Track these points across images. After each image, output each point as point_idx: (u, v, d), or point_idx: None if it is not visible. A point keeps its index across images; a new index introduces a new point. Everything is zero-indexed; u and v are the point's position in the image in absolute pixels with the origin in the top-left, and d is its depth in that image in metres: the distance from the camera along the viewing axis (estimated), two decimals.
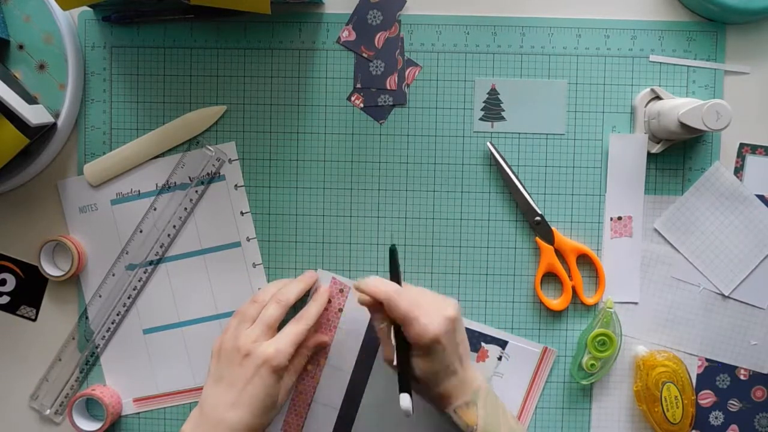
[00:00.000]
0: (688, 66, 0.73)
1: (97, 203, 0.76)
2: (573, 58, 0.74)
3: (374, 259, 0.75)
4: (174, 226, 0.75)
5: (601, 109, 0.74)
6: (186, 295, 0.75)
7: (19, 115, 0.67)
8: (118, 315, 0.75)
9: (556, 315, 0.74)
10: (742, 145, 0.74)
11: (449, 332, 0.63)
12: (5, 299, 0.77)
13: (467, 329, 0.71)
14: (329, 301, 0.74)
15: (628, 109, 0.74)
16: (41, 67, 0.73)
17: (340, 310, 0.74)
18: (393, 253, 0.67)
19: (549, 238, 0.73)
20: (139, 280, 0.75)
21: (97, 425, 0.74)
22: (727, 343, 0.74)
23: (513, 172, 0.74)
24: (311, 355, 0.73)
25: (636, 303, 0.74)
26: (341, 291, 0.74)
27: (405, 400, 0.62)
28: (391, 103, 0.74)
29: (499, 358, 0.73)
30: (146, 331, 0.76)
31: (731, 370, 0.74)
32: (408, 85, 0.74)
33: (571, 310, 0.75)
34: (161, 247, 0.75)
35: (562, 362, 0.75)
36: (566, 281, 0.73)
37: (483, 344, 0.73)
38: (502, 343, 0.73)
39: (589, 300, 0.74)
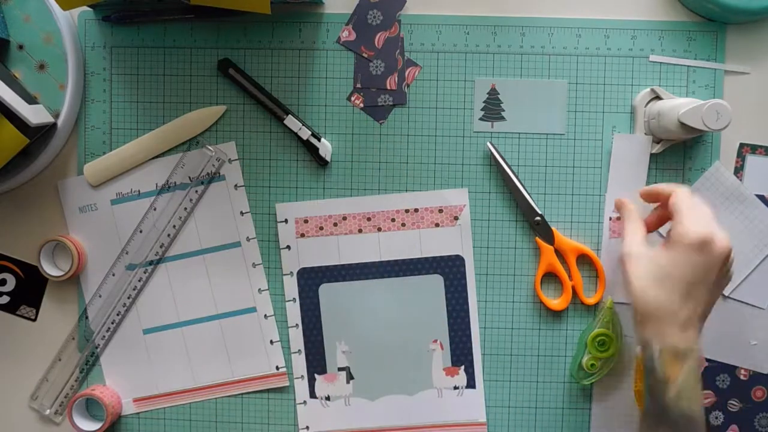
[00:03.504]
0: (688, 66, 0.73)
1: (97, 203, 0.76)
2: (573, 58, 0.74)
3: None
4: (174, 226, 0.75)
5: (601, 109, 0.74)
6: (186, 295, 0.75)
7: (19, 115, 0.67)
8: (118, 315, 0.75)
9: (556, 315, 0.74)
10: (742, 145, 0.74)
11: (706, 253, 0.60)
12: (5, 299, 0.77)
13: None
14: None
15: (628, 109, 0.74)
16: (41, 67, 0.73)
17: None
18: None
19: (549, 238, 0.74)
20: (139, 280, 0.75)
21: (97, 425, 0.74)
22: (727, 343, 0.74)
23: (513, 172, 0.74)
24: None
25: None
26: None
27: None
28: (391, 103, 0.74)
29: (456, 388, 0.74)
30: (146, 331, 0.76)
31: (731, 370, 0.74)
32: (408, 85, 0.74)
33: (571, 310, 0.75)
34: (161, 247, 0.75)
35: (562, 362, 0.75)
36: (566, 281, 0.73)
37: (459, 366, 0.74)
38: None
39: (589, 300, 0.74)
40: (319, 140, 0.73)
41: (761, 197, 0.73)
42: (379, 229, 0.74)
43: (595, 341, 0.72)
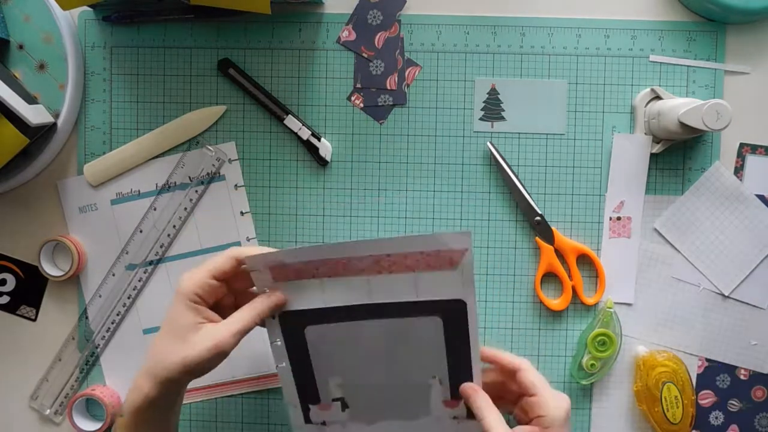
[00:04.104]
0: (688, 66, 0.73)
1: (97, 203, 0.76)
2: (573, 58, 0.74)
3: None
4: (174, 226, 0.75)
5: (601, 109, 0.74)
6: None
7: (19, 115, 0.67)
8: (118, 315, 0.75)
9: (556, 315, 0.74)
10: (742, 145, 0.74)
11: (565, 424, 0.63)
12: (5, 299, 0.77)
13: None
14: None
15: (628, 109, 0.74)
16: (41, 67, 0.73)
17: None
18: None
19: (549, 238, 0.73)
20: (139, 280, 0.75)
21: (97, 425, 0.74)
22: (727, 343, 0.74)
23: (513, 172, 0.74)
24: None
25: (630, 304, 0.74)
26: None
27: None
28: (391, 103, 0.74)
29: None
30: (146, 331, 0.76)
31: (731, 370, 0.74)
32: (408, 85, 0.74)
33: (571, 310, 0.75)
34: (161, 247, 0.75)
35: (562, 362, 0.75)
36: (566, 281, 0.73)
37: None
38: None
39: (589, 300, 0.74)
40: (319, 140, 0.73)
41: (761, 197, 0.73)
42: (367, 272, 0.63)
43: (595, 341, 0.72)
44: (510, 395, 0.67)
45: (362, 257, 0.62)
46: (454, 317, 0.64)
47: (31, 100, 0.71)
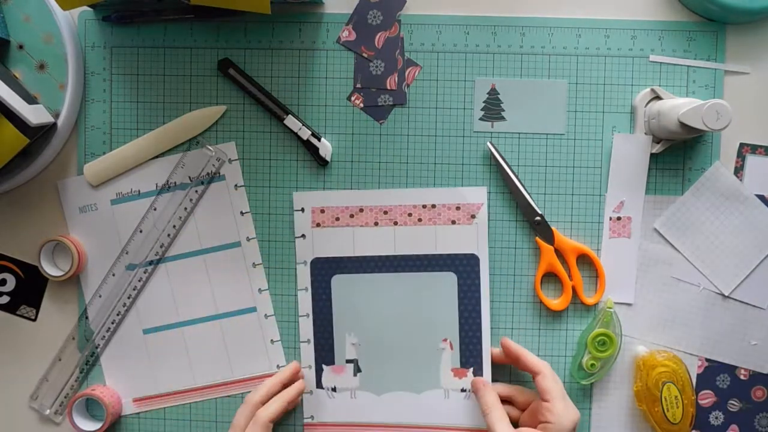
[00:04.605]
0: (688, 66, 0.73)
1: (97, 203, 0.76)
2: (573, 58, 0.74)
3: None
4: (174, 226, 0.75)
5: (601, 109, 0.74)
6: (186, 295, 0.75)
7: (19, 115, 0.67)
8: (118, 315, 0.75)
9: (556, 315, 0.74)
10: (742, 145, 0.74)
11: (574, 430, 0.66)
12: (5, 299, 0.77)
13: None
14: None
15: (628, 109, 0.74)
16: (41, 67, 0.73)
17: None
18: None
19: (549, 238, 0.74)
20: (139, 280, 0.75)
21: (97, 425, 0.74)
22: (727, 343, 0.74)
23: (513, 172, 0.74)
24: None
25: (630, 304, 0.74)
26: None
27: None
28: (391, 103, 0.74)
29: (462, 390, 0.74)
30: (146, 331, 0.76)
31: (731, 370, 0.74)
32: (408, 85, 0.74)
33: (571, 310, 0.75)
34: (161, 247, 0.75)
35: (562, 362, 0.75)
36: (566, 281, 0.73)
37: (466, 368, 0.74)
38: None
39: (589, 300, 0.74)
40: (319, 140, 0.73)
41: (761, 197, 0.73)
42: (396, 223, 0.74)
43: (595, 341, 0.72)
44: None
45: (394, 207, 0.73)
46: (467, 273, 0.73)
47: (31, 100, 0.71)
